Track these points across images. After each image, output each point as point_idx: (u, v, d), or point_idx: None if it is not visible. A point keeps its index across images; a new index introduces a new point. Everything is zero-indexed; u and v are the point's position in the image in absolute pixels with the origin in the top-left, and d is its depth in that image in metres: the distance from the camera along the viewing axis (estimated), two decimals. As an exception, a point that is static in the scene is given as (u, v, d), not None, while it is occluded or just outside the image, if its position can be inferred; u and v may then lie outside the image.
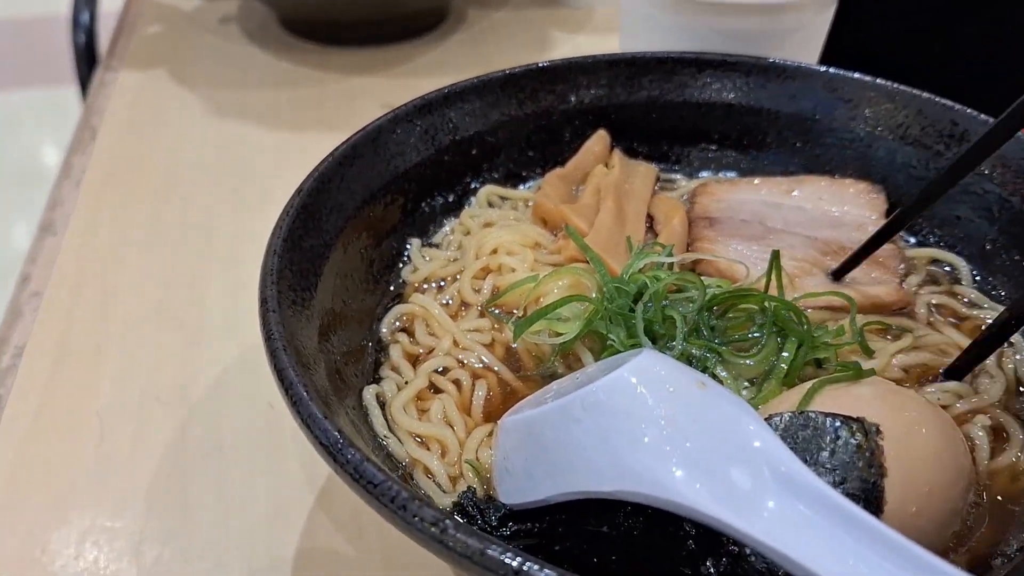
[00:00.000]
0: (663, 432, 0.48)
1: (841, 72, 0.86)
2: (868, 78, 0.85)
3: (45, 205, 1.11)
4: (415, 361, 0.73)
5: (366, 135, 0.76)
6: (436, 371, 0.71)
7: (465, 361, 0.72)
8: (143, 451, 0.81)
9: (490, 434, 0.66)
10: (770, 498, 0.46)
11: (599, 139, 0.88)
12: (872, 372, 0.62)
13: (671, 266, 0.74)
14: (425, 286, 0.79)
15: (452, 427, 0.66)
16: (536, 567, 0.43)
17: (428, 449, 0.65)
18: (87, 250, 1.04)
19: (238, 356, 0.90)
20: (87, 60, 1.91)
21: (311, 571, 0.71)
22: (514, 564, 0.43)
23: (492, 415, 0.68)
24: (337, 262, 0.71)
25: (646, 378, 0.50)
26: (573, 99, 0.88)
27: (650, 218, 0.85)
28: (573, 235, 0.76)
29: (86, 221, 1.08)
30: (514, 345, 0.73)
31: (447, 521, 0.45)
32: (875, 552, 0.43)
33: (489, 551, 0.44)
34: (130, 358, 0.90)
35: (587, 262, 0.76)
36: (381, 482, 0.48)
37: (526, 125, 0.88)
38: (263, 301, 0.59)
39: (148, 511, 0.76)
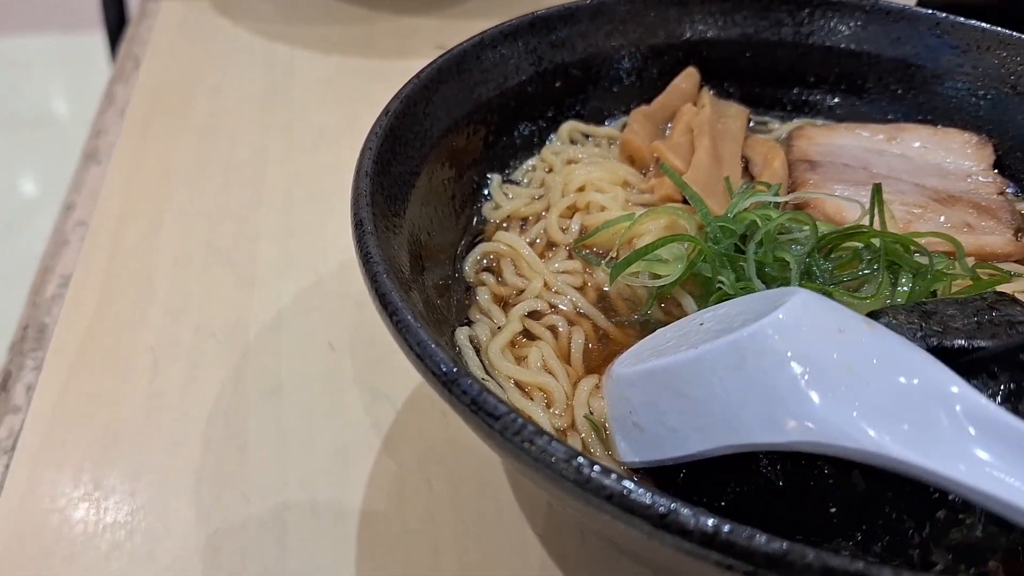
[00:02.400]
0: (839, 377, 0.44)
1: (950, 17, 0.80)
2: (979, 24, 0.80)
3: (88, 132, 1.06)
4: (503, 304, 0.68)
5: (451, 59, 0.71)
6: (527, 315, 0.66)
7: (557, 305, 0.67)
8: (198, 389, 0.76)
9: (597, 385, 0.61)
10: (971, 443, 0.41)
11: (688, 77, 0.83)
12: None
13: (777, 207, 0.69)
14: (505, 224, 0.74)
15: (554, 376, 0.62)
16: (685, 511, 0.39)
17: (532, 399, 0.60)
18: (133, 181, 0.99)
19: (294, 296, 0.86)
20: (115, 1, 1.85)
21: (378, 519, 0.67)
22: (662, 509, 0.39)
23: (590, 364, 0.64)
24: (422, 192, 0.66)
25: (810, 320, 0.45)
26: (663, 33, 0.83)
27: (744, 160, 0.80)
28: (670, 173, 0.71)
29: (131, 151, 1.03)
30: (607, 288, 0.68)
31: (581, 458, 0.41)
32: None
33: (631, 492, 0.40)
34: (181, 293, 0.85)
35: (682, 202, 0.71)
36: (504, 414, 0.43)
37: (612, 59, 0.82)
38: (358, 223, 0.54)
39: (205, 450, 0.72)
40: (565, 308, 0.67)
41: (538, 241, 0.73)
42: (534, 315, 0.67)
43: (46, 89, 3.40)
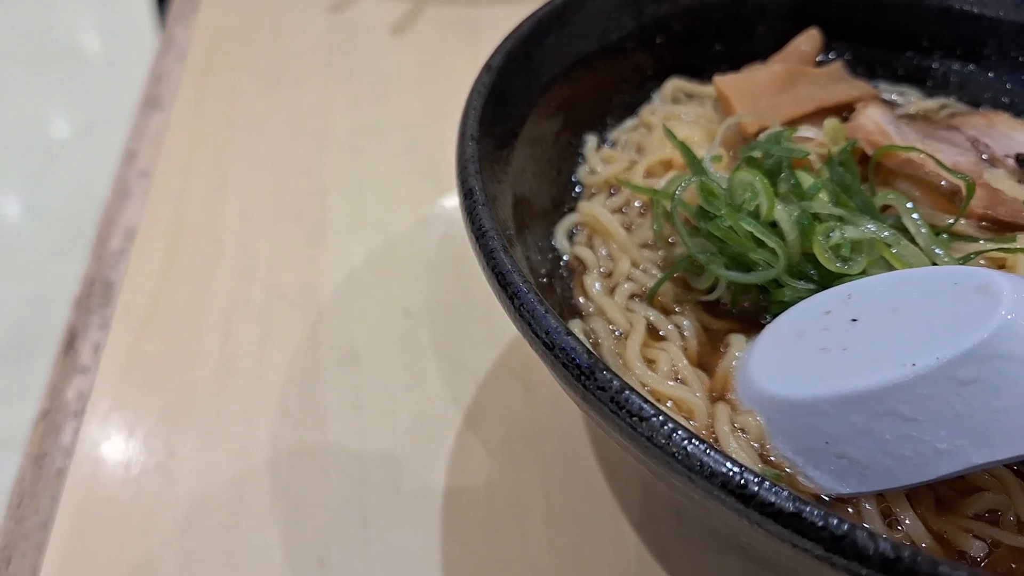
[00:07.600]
0: None
1: (1084, -25, 0.74)
2: (1116, -15, 0.73)
3: (147, 78, 1.02)
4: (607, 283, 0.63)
5: (552, 10, 0.66)
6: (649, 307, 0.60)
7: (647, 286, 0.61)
8: (272, 354, 0.73)
9: (725, 399, 0.54)
10: None
11: (810, 38, 0.75)
12: None
13: None
14: (594, 191, 0.69)
15: (688, 386, 0.55)
16: (861, 533, 0.35)
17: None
18: (195, 129, 0.95)
19: (366, 257, 0.82)
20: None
21: (463, 501, 0.64)
22: (838, 531, 0.35)
23: (704, 366, 0.57)
24: (522, 154, 0.61)
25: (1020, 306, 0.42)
26: (767, -12, 0.77)
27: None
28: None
29: (193, 97, 0.99)
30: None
31: (748, 473, 0.37)
32: None
33: (802, 511, 0.36)
34: (250, 249, 0.82)
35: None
36: (651, 415, 0.39)
37: (717, 13, 0.76)
38: (468, 192, 0.50)
39: (282, 420, 0.69)
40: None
41: (625, 209, 0.67)
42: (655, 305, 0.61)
43: (81, 25, 3.34)
